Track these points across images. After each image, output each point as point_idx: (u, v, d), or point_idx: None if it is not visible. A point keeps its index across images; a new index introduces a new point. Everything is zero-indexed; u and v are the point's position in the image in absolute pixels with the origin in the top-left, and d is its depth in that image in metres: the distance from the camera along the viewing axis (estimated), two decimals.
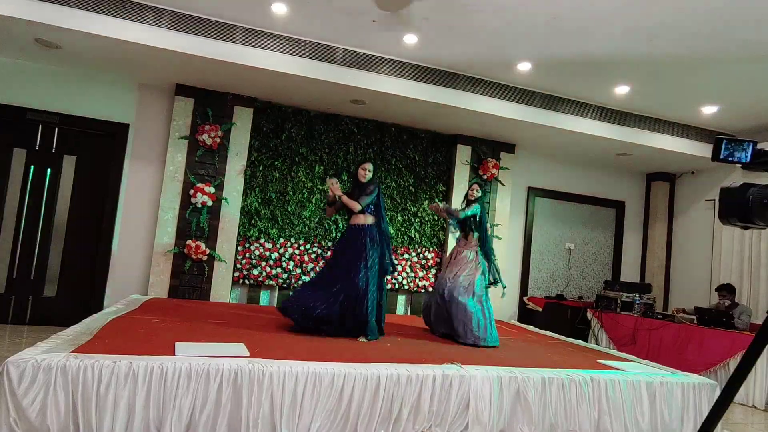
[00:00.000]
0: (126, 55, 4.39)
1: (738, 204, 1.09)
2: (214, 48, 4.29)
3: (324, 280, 3.76)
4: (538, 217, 6.66)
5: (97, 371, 2.28)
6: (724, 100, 5.04)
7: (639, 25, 3.72)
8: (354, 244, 3.74)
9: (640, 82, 4.79)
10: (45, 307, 4.95)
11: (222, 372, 2.45)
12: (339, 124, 5.63)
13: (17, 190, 4.93)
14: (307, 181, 5.50)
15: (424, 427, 2.77)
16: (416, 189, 5.88)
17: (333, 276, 3.72)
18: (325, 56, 4.57)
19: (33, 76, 4.86)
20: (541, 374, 3.01)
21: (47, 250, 5.00)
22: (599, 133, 5.49)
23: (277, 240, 5.39)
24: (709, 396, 3.32)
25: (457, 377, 2.84)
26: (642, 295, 5.70)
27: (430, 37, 4.27)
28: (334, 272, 3.74)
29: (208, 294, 5.10)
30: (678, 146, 5.80)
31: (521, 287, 6.52)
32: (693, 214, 6.69)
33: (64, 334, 2.83)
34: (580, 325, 5.78)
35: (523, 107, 5.21)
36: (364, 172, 3.84)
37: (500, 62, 4.64)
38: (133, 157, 5.14)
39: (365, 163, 3.87)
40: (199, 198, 5.03)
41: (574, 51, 4.23)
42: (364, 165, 3.86)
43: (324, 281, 3.74)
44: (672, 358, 4.65)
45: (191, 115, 5.11)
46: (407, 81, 4.80)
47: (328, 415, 2.59)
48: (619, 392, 3.09)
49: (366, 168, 3.84)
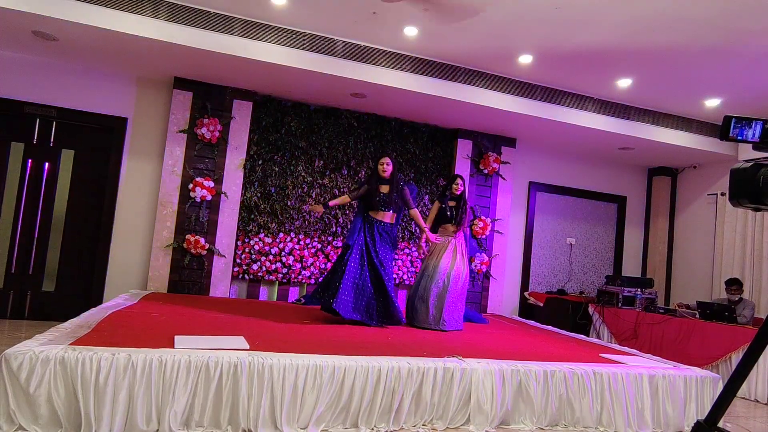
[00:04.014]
0: (123, 47, 4.36)
1: (749, 184, 1.06)
2: (212, 40, 4.25)
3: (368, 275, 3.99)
4: (539, 212, 6.64)
5: (96, 363, 2.26)
6: (726, 93, 5.00)
7: (642, 16, 3.69)
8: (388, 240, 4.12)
9: (643, 75, 4.75)
10: (44, 302, 4.93)
11: (222, 365, 2.43)
12: (339, 118, 5.59)
13: (15, 184, 4.90)
14: (307, 175, 5.47)
15: (425, 420, 2.75)
16: (417, 183, 5.85)
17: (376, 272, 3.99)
18: (324, 48, 4.53)
19: (31, 70, 4.83)
20: (543, 367, 2.99)
21: (46, 244, 4.97)
22: (601, 126, 5.46)
23: (277, 235, 5.37)
24: (711, 389, 3.30)
25: (459, 370, 2.82)
26: (644, 289, 5.68)
27: (430, 29, 4.24)
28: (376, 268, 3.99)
29: (207, 289, 5.08)
30: (680, 140, 5.77)
31: (522, 282, 6.50)
32: (695, 209, 6.66)
33: (63, 327, 2.81)
34: (582, 320, 5.77)
35: (524, 100, 5.17)
36: (382, 167, 4.11)
37: (501, 55, 4.61)
38: (131, 151, 5.11)
39: (383, 158, 4.14)
40: (198, 192, 5.00)
41: (576, 43, 4.20)
42: (381, 160, 4.13)
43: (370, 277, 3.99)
44: (674, 353, 4.63)
45: (190, 109, 5.07)
46: (407, 74, 4.76)
47: (328, 407, 2.57)
48: (621, 385, 3.07)
49: (384, 162, 4.11)
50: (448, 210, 4.50)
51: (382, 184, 4.14)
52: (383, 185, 4.14)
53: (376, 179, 4.17)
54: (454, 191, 4.52)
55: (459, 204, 4.52)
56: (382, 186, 4.14)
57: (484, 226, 5.99)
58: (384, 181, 4.13)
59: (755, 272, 5.71)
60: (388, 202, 4.11)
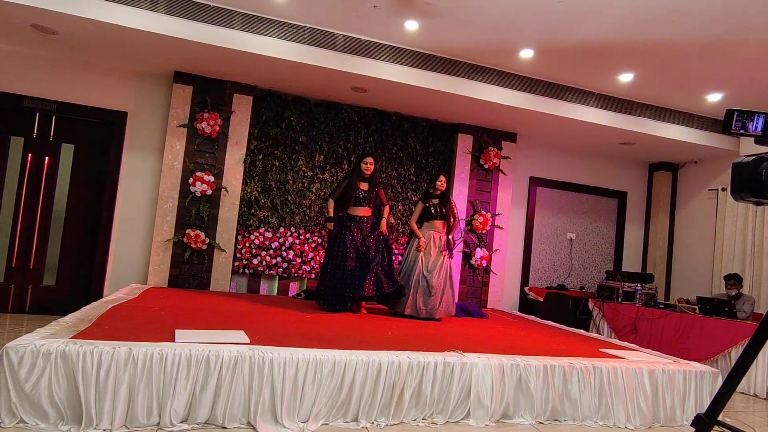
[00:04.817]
0: (123, 41, 4.34)
1: (751, 178, 1.05)
2: (212, 34, 4.23)
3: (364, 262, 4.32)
4: (540, 207, 6.63)
5: (97, 357, 2.27)
6: (729, 87, 4.98)
7: (643, 10, 3.67)
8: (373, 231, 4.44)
9: (645, 69, 4.73)
10: (45, 296, 4.94)
11: (222, 359, 2.43)
12: (339, 112, 5.58)
13: (15, 178, 4.89)
14: (308, 170, 5.46)
15: (426, 414, 2.75)
16: (417, 178, 5.84)
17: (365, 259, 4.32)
18: (325, 42, 4.51)
19: (30, 63, 4.81)
20: (543, 362, 2.99)
21: (46, 239, 4.97)
22: (602, 121, 5.44)
23: (277, 229, 5.37)
24: (710, 384, 3.31)
25: (459, 365, 2.82)
26: (644, 285, 5.68)
27: (431, 23, 4.22)
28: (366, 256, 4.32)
29: (208, 283, 5.09)
30: (681, 135, 5.75)
31: (522, 277, 6.50)
32: (696, 204, 6.66)
33: (64, 321, 2.82)
34: (582, 315, 5.77)
35: (526, 95, 5.16)
36: (366, 166, 4.39)
37: (502, 49, 4.59)
38: (131, 145, 5.10)
39: (368, 158, 4.43)
40: (198, 187, 4.99)
41: (577, 37, 4.18)
42: (367, 159, 4.42)
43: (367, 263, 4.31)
44: (673, 348, 4.64)
45: (190, 103, 5.06)
46: (408, 68, 4.75)
47: (329, 401, 2.58)
48: (621, 380, 3.08)
49: (369, 162, 4.40)
50: (432, 208, 4.61)
51: (361, 181, 4.43)
52: (363, 182, 4.43)
53: (357, 176, 4.44)
54: (438, 189, 4.62)
55: (442, 201, 4.64)
56: (361, 183, 4.43)
57: (485, 221, 5.99)
58: (364, 178, 4.43)
59: (755, 268, 5.71)
60: (367, 198, 4.42)
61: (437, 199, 4.64)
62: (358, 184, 4.43)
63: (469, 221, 5.98)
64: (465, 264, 5.97)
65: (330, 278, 4.33)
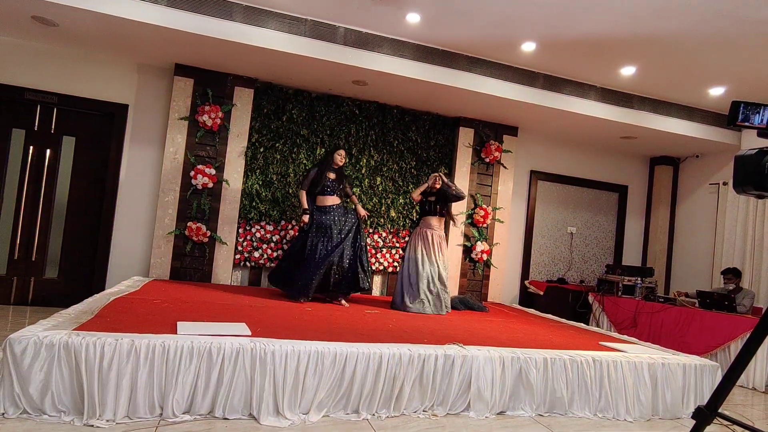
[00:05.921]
0: (124, 33, 4.32)
1: (754, 171, 1.06)
2: (213, 26, 4.22)
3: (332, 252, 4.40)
4: (541, 201, 6.63)
5: (99, 348, 2.28)
6: (731, 81, 4.97)
7: (646, 3, 3.64)
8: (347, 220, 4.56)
9: (647, 63, 4.72)
10: (47, 289, 4.95)
11: (224, 350, 2.45)
12: (340, 105, 5.57)
13: (17, 171, 4.90)
14: (309, 163, 5.45)
15: (426, 407, 2.77)
16: (418, 172, 5.84)
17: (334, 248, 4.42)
18: (326, 35, 4.50)
19: (31, 56, 4.80)
20: (543, 355, 3.01)
21: (48, 231, 4.98)
22: (603, 115, 5.43)
23: (278, 222, 5.37)
24: (710, 377, 3.33)
25: (460, 357, 2.84)
26: (644, 278, 5.69)
27: (432, 16, 4.20)
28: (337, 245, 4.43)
29: (209, 276, 5.10)
30: (683, 129, 5.74)
31: (522, 271, 6.51)
32: (696, 198, 6.65)
33: (66, 313, 2.83)
34: (582, 308, 5.79)
35: (527, 89, 5.14)
36: (340, 158, 4.62)
37: (504, 42, 4.57)
38: (132, 138, 5.10)
39: (342, 150, 4.69)
40: (199, 180, 5.00)
41: (579, 30, 4.16)
42: (341, 151, 4.66)
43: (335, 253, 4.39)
44: (673, 342, 4.66)
45: (191, 96, 5.05)
46: (409, 61, 4.73)
47: (330, 393, 2.60)
48: (620, 373, 3.10)
49: (342, 154, 4.65)
50: (427, 204, 4.68)
51: (330, 172, 4.60)
52: (331, 173, 4.61)
53: (327, 167, 4.61)
54: (434, 187, 4.65)
55: (439, 198, 4.67)
56: (330, 173, 4.60)
57: (485, 215, 5.99)
58: (333, 170, 4.62)
59: (755, 262, 5.72)
60: (335, 188, 4.59)
61: (434, 196, 4.67)
62: (327, 174, 4.59)
63: (469, 215, 5.98)
64: (465, 257, 5.98)
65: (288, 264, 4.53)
